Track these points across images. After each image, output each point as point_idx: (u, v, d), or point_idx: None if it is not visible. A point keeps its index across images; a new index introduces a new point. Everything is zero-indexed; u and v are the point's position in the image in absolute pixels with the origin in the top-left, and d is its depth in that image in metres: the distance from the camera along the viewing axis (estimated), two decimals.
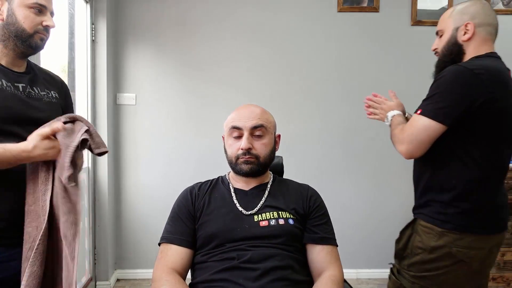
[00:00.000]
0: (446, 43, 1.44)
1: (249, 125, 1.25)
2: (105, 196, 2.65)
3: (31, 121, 1.17)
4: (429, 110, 1.31)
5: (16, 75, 1.19)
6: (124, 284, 2.76)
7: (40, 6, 1.15)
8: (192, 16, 2.79)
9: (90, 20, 2.56)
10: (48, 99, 1.26)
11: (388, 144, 2.84)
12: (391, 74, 2.85)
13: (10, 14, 1.13)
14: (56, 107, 1.28)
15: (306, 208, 1.28)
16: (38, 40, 1.18)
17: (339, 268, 1.22)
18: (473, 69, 1.28)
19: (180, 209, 1.28)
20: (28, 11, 1.14)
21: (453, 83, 1.29)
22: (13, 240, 1.12)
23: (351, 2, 2.80)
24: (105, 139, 2.64)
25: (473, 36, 1.40)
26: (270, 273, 1.12)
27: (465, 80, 1.28)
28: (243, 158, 1.25)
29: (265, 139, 1.27)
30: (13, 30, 1.14)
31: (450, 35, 1.42)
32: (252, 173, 1.27)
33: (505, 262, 2.56)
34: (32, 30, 1.15)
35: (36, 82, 1.25)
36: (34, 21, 1.15)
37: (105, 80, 2.63)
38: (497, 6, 2.82)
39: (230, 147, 1.28)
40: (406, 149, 1.35)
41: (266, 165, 1.29)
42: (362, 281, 2.86)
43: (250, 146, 1.24)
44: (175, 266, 1.19)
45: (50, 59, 2.31)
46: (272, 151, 1.30)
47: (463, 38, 1.40)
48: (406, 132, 1.35)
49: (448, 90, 1.29)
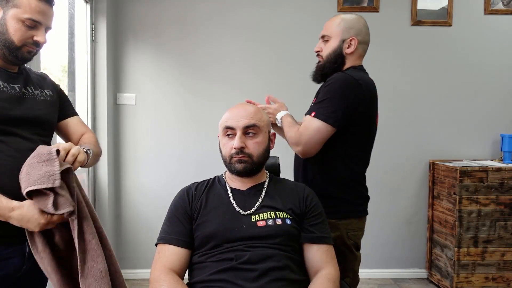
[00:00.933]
0: (332, 51, 1.56)
1: (241, 125, 1.26)
2: (105, 196, 2.65)
3: (28, 120, 1.18)
4: (321, 114, 1.44)
5: (11, 75, 1.20)
6: None
7: (34, 22, 1.14)
8: (192, 16, 2.79)
9: (90, 20, 2.57)
10: (43, 98, 1.26)
11: (387, 144, 2.86)
12: (391, 74, 2.85)
13: (1, 23, 1.13)
14: (51, 104, 1.29)
15: (302, 208, 1.28)
16: (25, 52, 1.17)
17: (335, 267, 1.23)
18: (358, 79, 1.47)
19: (177, 209, 1.28)
20: (20, 25, 1.13)
21: (342, 90, 1.45)
22: (13, 238, 1.13)
23: (351, 2, 2.81)
24: (105, 139, 2.65)
25: (355, 51, 1.56)
26: (269, 274, 1.13)
27: (352, 88, 1.46)
28: (237, 157, 1.25)
29: (258, 138, 1.28)
30: (2, 40, 1.14)
31: (337, 46, 1.56)
32: (246, 172, 1.27)
33: (505, 262, 2.56)
34: (20, 43, 1.14)
35: (29, 82, 1.26)
36: (24, 35, 1.14)
37: (105, 80, 2.63)
38: (497, 6, 2.82)
39: (224, 147, 1.30)
40: (303, 149, 1.46)
41: (260, 164, 1.29)
42: (362, 281, 2.84)
43: (243, 145, 1.25)
44: (173, 266, 1.19)
45: (50, 59, 2.32)
46: (266, 149, 1.31)
47: (347, 51, 1.56)
48: (302, 134, 1.45)
49: (338, 96, 1.45)
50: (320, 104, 1.47)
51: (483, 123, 2.89)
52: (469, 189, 2.52)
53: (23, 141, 1.16)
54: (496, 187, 2.53)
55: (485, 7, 2.82)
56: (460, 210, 2.52)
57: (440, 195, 2.74)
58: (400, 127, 2.87)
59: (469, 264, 2.54)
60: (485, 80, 2.87)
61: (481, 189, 2.52)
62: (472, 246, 2.54)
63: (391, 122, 2.86)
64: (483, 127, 2.89)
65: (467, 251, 2.54)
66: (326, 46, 1.58)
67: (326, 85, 1.49)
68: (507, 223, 2.54)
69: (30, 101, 1.21)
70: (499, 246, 2.55)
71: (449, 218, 2.62)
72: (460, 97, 2.87)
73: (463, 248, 2.53)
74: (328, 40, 1.58)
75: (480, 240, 2.54)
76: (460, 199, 2.52)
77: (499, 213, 2.53)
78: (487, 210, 2.53)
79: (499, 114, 2.89)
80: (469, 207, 2.52)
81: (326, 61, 1.58)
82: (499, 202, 2.53)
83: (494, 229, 2.54)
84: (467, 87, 2.88)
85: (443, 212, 2.70)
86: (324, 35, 1.59)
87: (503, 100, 2.89)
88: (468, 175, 2.51)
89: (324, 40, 1.59)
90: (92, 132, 1.42)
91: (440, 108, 2.87)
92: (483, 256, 2.54)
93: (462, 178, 2.51)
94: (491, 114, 2.88)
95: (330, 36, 1.57)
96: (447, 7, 2.81)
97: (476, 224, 2.53)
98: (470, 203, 2.52)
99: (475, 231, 2.53)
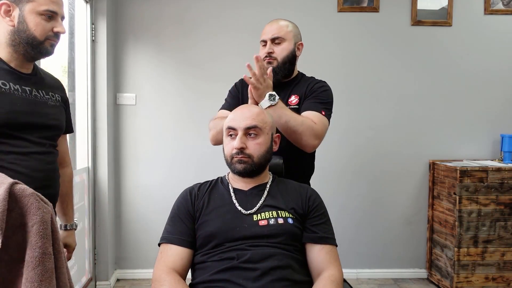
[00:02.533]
0: (289, 54, 1.61)
1: (243, 125, 1.27)
2: (105, 196, 2.65)
3: (37, 126, 1.18)
4: (328, 115, 1.57)
5: (23, 77, 1.20)
6: (124, 284, 2.76)
7: (51, 13, 1.15)
8: (192, 15, 2.79)
9: (90, 20, 2.56)
10: (53, 103, 1.27)
11: (387, 144, 2.86)
12: (391, 74, 2.85)
13: (21, 21, 1.13)
14: (60, 110, 1.30)
15: (305, 208, 1.28)
16: (48, 46, 1.19)
17: (338, 268, 1.22)
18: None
19: (179, 209, 1.29)
20: (40, 18, 1.14)
21: (332, 96, 1.63)
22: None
23: (351, 2, 2.81)
24: (105, 139, 2.65)
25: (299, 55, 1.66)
26: (270, 273, 1.12)
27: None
28: (237, 158, 1.26)
29: (259, 139, 1.28)
30: (24, 37, 1.14)
31: (292, 49, 1.62)
32: (246, 173, 1.27)
33: (505, 262, 2.56)
34: (43, 37, 1.15)
35: (41, 84, 1.26)
36: (45, 29, 1.15)
37: (105, 80, 2.63)
38: (497, 6, 2.82)
39: (226, 147, 1.31)
40: (318, 143, 1.53)
41: (261, 165, 1.29)
42: (362, 281, 2.86)
43: (243, 145, 1.25)
44: (175, 266, 1.19)
45: (50, 59, 2.31)
46: (267, 151, 1.30)
47: (297, 54, 1.65)
48: (320, 130, 1.50)
49: (332, 101, 1.62)
50: (325, 105, 1.56)
51: (483, 123, 2.89)
52: (469, 189, 2.52)
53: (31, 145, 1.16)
54: (496, 187, 2.53)
55: (485, 7, 2.83)
56: (460, 210, 2.52)
57: (440, 195, 2.74)
58: (400, 127, 2.87)
59: (469, 264, 2.54)
60: (485, 80, 2.87)
61: (481, 189, 2.52)
62: (472, 246, 2.54)
63: (391, 122, 2.86)
64: (483, 127, 2.89)
65: (467, 251, 2.54)
66: (281, 48, 1.60)
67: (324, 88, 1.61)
68: (507, 223, 2.54)
69: (40, 106, 1.21)
70: (499, 246, 2.55)
71: (449, 218, 2.62)
72: (460, 97, 2.88)
73: (463, 248, 2.53)
74: (280, 42, 1.60)
75: (480, 240, 2.54)
76: (460, 199, 2.52)
77: (499, 213, 2.53)
78: (487, 210, 2.53)
79: (499, 114, 2.89)
80: (469, 207, 2.52)
81: (282, 63, 1.60)
82: (499, 202, 2.53)
83: (494, 229, 2.54)
84: (467, 87, 2.88)
85: (443, 212, 2.70)
86: (276, 37, 1.60)
87: (503, 100, 2.89)
88: (468, 175, 2.51)
89: (276, 43, 1.60)
90: (70, 165, 1.48)
91: (440, 108, 2.87)
92: (483, 256, 2.55)
93: (462, 178, 2.51)
94: (491, 114, 2.89)
95: (284, 39, 1.60)
96: (447, 7, 2.81)
97: (476, 224, 2.53)
98: (470, 203, 2.52)
99: (475, 231, 2.53)
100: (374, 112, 2.86)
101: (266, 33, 1.63)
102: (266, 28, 1.65)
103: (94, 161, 2.64)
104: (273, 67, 1.54)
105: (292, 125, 1.45)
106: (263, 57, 1.59)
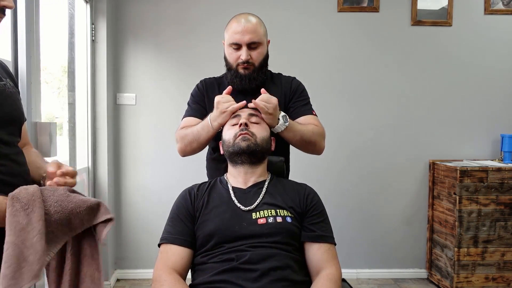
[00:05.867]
0: (265, 57, 1.54)
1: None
2: (105, 196, 2.65)
3: (4, 121, 1.03)
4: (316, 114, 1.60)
5: None
6: (124, 284, 2.76)
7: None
8: (192, 15, 2.79)
9: (90, 20, 2.56)
10: (9, 90, 1.09)
11: (387, 144, 2.86)
12: (391, 74, 2.85)
13: None
14: (18, 98, 1.13)
15: (303, 207, 1.28)
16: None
17: (336, 266, 1.22)
18: None
19: (179, 209, 1.29)
20: None
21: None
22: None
23: (351, 2, 2.80)
24: (105, 139, 2.65)
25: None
26: (270, 274, 1.12)
27: None
28: (241, 134, 1.29)
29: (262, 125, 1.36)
30: None
31: (266, 50, 1.56)
32: (249, 151, 1.28)
33: (505, 262, 2.56)
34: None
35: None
36: None
37: (105, 80, 2.63)
38: (497, 6, 2.82)
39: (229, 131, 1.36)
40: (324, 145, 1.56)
41: (262, 148, 1.31)
42: (362, 281, 2.86)
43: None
44: (175, 266, 1.19)
45: (50, 59, 2.32)
46: (267, 141, 1.36)
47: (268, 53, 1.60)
48: (323, 130, 1.55)
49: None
50: (311, 104, 1.62)
51: (483, 123, 2.89)
52: (469, 189, 2.52)
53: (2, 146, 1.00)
54: (496, 187, 2.53)
55: (485, 7, 2.82)
56: (460, 210, 2.52)
57: (440, 195, 2.74)
58: (400, 127, 2.87)
59: (469, 264, 2.54)
60: (485, 80, 2.87)
61: (481, 189, 2.52)
62: (472, 246, 2.54)
63: (391, 122, 2.86)
64: (483, 127, 2.89)
65: (467, 251, 2.54)
66: (257, 52, 1.49)
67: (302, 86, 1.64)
68: (507, 223, 2.54)
69: (3, 96, 1.04)
70: (499, 246, 2.55)
71: (449, 218, 2.62)
72: (460, 97, 2.88)
73: (463, 248, 2.53)
74: (257, 47, 1.49)
75: (480, 240, 2.54)
76: (460, 199, 2.52)
77: (499, 213, 2.53)
78: (487, 210, 2.53)
79: (499, 114, 2.89)
80: (469, 207, 2.52)
81: (259, 67, 1.50)
82: (499, 202, 2.53)
83: (494, 229, 2.54)
84: (467, 87, 2.88)
85: (443, 212, 2.70)
86: (253, 42, 1.47)
87: (503, 100, 2.89)
88: (468, 175, 2.51)
89: (252, 48, 1.48)
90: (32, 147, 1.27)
91: (440, 108, 2.87)
92: (483, 256, 2.54)
93: (462, 178, 2.51)
94: (491, 114, 2.88)
95: (261, 43, 1.50)
96: (447, 7, 2.81)
97: (476, 224, 2.53)
98: (470, 203, 2.52)
99: (475, 231, 2.53)
100: (374, 112, 2.86)
101: (239, 36, 1.46)
102: (237, 28, 1.48)
103: (94, 161, 2.64)
104: (249, 73, 1.48)
105: (307, 138, 1.46)
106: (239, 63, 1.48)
